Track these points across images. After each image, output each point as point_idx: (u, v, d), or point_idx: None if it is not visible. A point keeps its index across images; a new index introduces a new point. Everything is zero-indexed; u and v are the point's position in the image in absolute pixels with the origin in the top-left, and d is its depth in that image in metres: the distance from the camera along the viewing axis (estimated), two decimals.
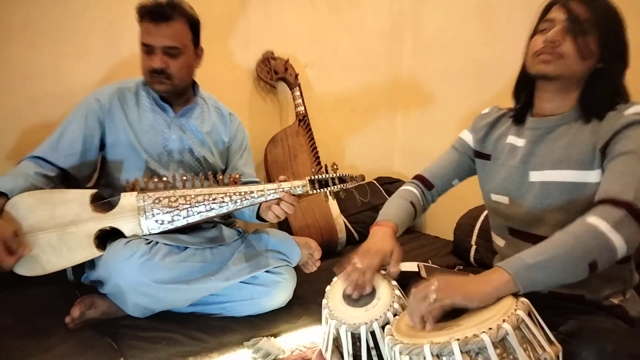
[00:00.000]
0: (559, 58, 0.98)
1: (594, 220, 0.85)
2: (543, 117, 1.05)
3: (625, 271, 1.03)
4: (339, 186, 1.32)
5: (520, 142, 1.09)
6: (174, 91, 1.50)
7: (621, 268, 1.01)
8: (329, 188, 1.32)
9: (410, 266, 1.17)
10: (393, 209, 1.19)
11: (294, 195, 1.32)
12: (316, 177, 1.33)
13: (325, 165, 1.36)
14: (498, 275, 0.84)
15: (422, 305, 0.84)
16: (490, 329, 0.74)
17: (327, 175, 1.33)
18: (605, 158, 0.93)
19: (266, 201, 1.34)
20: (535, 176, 1.04)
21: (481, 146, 1.19)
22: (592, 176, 0.95)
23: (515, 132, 1.11)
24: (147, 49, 1.41)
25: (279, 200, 1.32)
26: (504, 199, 1.12)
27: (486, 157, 1.17)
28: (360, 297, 1.03)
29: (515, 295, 0.83)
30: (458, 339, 0.73)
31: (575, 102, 1.02)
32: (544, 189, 1.02)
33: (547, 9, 1.02)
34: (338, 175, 1.33)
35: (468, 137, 1.23)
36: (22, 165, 1.38)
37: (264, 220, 1.46)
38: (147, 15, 1.40)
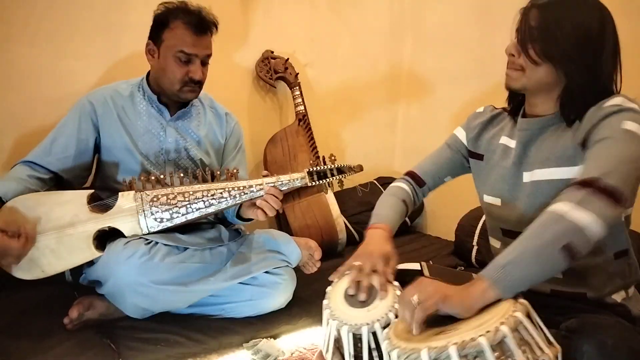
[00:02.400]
0: (519, 70, 0.98)
1: (556, 205, 0.84)
2: (533, 117, 1.04)
3: (624, 266, 1.01)
4: (337, 177, 1.32)
5: (512, 143, 1.08)
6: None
7: (619, 262, 1.00)
8: (327, 179, 1.31)
9: (413, 265, 1.16)
10: (386, 210, 1.19)
11: (281, 190, 1.31)
12: (314, 168, 1.32)
13: (323, 156, 1.36)
14: (478, 285, 0.82)
15: (407, 310, 0.83)
16: (488, 332, 0.73)
17: (325, 167, 1.33)
18: (584, 150, 0.92)
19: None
20: (527, 177, 1.03)
21: (474, 145, 1.18)
22: (577, 172, 0.94)
23: (508, 133, 1.10)
24: (186, 58, 1.40)
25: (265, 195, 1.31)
26: (497, 201, 1.10)
27: (479, 157, 1.16)
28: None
29: (515, 296, 0.82)
30: (456, 343, 0.72)
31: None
32: (535, 188, 1.02)
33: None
34: (336, 166, 1.33)
35: (462, 135, 1.21)
36: (15, 169, 1.38)
37: (246, 220, 1.45)
38: (192, 26, 1.39)
